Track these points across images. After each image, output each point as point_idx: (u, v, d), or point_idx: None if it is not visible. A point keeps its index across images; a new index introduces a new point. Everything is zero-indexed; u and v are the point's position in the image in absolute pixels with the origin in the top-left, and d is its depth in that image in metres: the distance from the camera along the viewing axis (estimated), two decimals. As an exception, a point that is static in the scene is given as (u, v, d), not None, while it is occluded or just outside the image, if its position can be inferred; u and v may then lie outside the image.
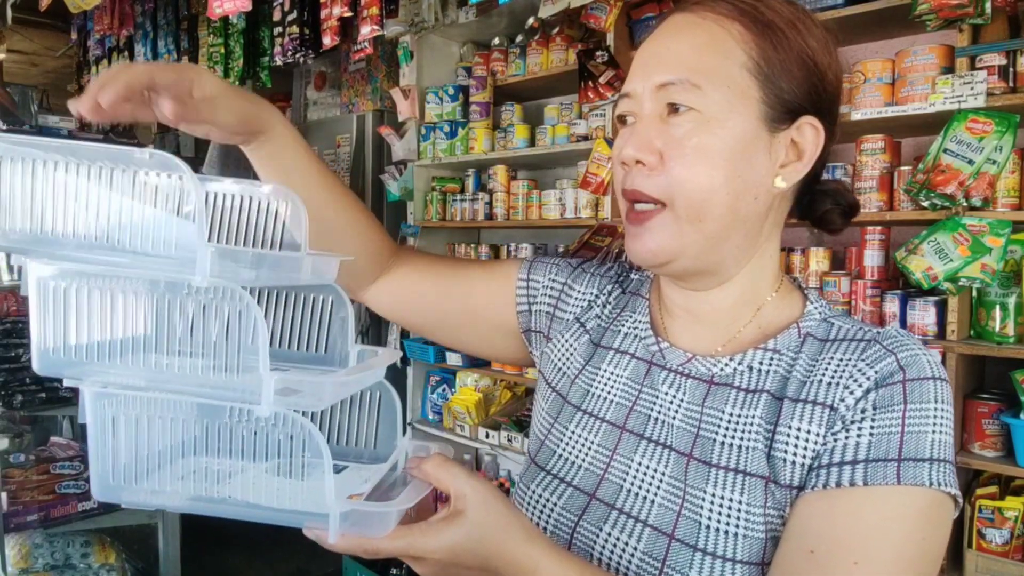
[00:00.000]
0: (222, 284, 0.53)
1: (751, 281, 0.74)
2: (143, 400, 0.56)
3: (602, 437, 0.76)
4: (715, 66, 0.67)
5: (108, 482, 0.57)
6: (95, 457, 0.56)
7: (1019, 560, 1.77)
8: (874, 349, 0.67)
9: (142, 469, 0.57)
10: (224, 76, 3.97)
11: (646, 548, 0.67)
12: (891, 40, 2.22)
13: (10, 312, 2.76)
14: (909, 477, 0.60)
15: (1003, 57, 1.80)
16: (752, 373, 0.71)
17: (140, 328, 0.56)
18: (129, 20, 4.55)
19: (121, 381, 0.56)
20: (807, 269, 2.22)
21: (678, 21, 0.71)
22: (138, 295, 0.56)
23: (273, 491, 0.55)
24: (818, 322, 0.73)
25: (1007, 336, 1.85)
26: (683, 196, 0.67)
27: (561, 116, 2.92)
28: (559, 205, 2.86)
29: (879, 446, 0.61)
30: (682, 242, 0.69)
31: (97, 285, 0.56)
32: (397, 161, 3.42)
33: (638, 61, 0.72)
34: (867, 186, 2.06)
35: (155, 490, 0.57)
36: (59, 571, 2.68)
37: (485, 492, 0.58)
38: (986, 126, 1.78)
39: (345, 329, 0.71)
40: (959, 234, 1.81)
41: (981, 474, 1.95)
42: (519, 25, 3.07)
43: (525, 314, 0.90)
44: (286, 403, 0.53)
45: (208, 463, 0.56)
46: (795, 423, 0.66)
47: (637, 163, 0.69)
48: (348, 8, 2.95)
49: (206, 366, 0.55)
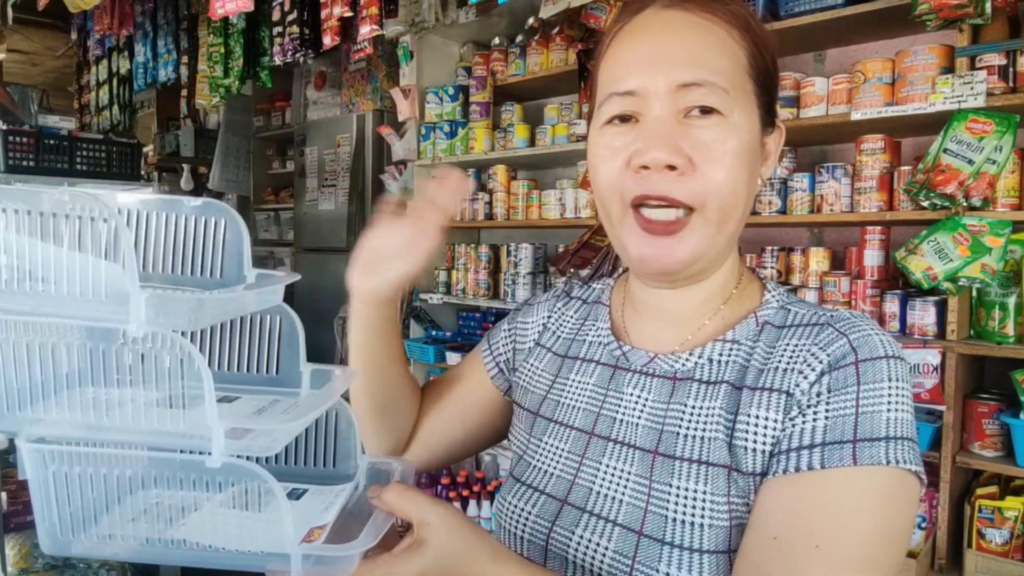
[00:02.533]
0: (160, 331, 0.51)
1: (722, 277, 0.75)
2: (85, 455, 0.53)
3: (571, 444, 0.77)
4: (731, 70, 0.67)
5: (57, 536, 0.54)
6: (40, 512, 0.54)
7: (1019, 560, 1.77)
8: (827, 332, 0.67)
9: (89, 515, 0.54)
10: (224, 76, 3.98)
11: (616, 547, 0.68)
12: (891, 40, 2.23)
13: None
14: (865, 457, 0.60)
15: (1003, 57, 1.80)
16: (712, 365, 0.72)
17: (75, 376, 0.53)
18: (129, 20, 4.55)
19: (59, 433, 0.53)
20: (807, 269, 2.22)
21: (676, 18, 0.69)
22: (70, 345, 0.52)
23: (231, 530, 0.53)
24: (775, 310, 0.74)
25: (1007, 336, 1.85)
26: (716, 200, 0.66)
27: (561, 116, 2.92)
28: (559, 205, 2.86)
29: (834, 429, 0.62)
30: (709, 245, 0.69)
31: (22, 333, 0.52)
32: (397, 161, 3.42)
33: (637, 57, 0.69)
34: (867, 186, 2.06)
35: (105, 535, 0.54)
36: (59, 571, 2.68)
37: (448, 517, 0.58)
38: (986, 126, 1.78)
39: (295, 348, 0.69)
40: (959, 234, 1.81)
41: (981, 474, 1.95)
42: (519, 25, 3.07)
43: (498, 376, 0.92)
44: (238, 448, 0.52)
45: (159, 498, 0.54)
46: (753, 411, 0.66)
47: (668, 168, 0.66)
48: (348, 8, 2.95)
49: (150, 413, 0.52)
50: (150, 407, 0.52)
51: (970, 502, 1.85)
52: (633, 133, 0.68)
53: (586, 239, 2.60)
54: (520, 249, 3.02)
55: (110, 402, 0.52)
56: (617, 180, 0.69)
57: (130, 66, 4.78)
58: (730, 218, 0.68)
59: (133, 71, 4.73)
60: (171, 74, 4.49)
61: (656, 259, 0.69)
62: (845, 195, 2.12)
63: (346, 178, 3.83)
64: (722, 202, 0.67)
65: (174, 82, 4.56)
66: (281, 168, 5.15)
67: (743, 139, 0.67)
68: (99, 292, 0.51)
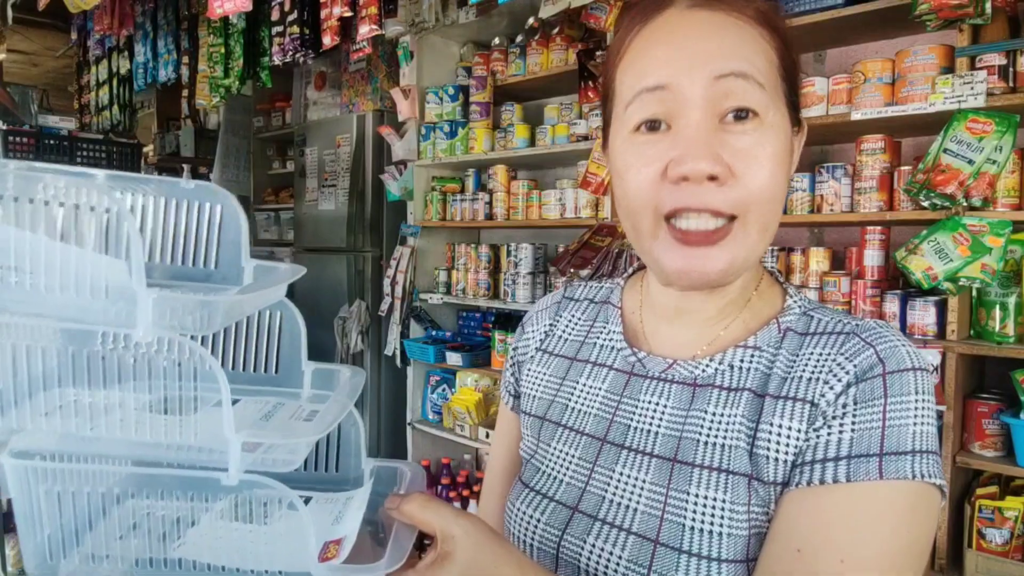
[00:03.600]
0: (167, 336, 0.46)
1: (743, 279, 0.74)
2: (77, 472, 0.48)
3: (582, 450, 0.76)
4: (766, 68, 0.65)
5: (45, 558, 0.49)
6: (25, 533, 0.49)
7: (1019, 560, 1.77)
8: (853, 342, 0.66)
9: (80, 531, 0.49)
10: (224, 76, 3.98)
11: (631, 556, 0.67)
12: (891, 40, 2.23)
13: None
14: (892, 471, 0.59)
15: (1003, 57, 1.80)
16: (733, 372, 0.71)
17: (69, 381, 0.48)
18: (129, 20, 4.55)
19: (48, 446, 0.48)
20: (807, 269, 2.22)
21: (710, 18, 0.66)
22: (62, 348, 0.47)
23: (239, 547, 0.48)
24: (798, 316, 0.73)
25: (1007, 336, 1.85)
26: (757, 207, 0.64)
27: (561, 116, 2.92)
28: (559, 205, 2.86)
29: (861, 442, 0.61)
30: (749, 254, 0.66)
31: (10, 335, 0.47)
32: (397, 161, 3.42)
33: (672, 52, 0.65)
34: (867, 186, 2.06)
35: (89, 555, 0.50)
36: (59, 571, 2.67)
37: (473, 531, 0.56)
38: (986, 126, 1.78)
39: (296, 346, 0.65)
40: (959, 234, 1.81)
41: (981, 474, 1.95)
42: (519, 25, 3.07)
43: (513, 401, 0.90)
44: (254, 463, 0.47)
45: (150, 508, 0.49)
46: (776, 420, 0.65)
47: (709, 178, 0.62)
48: (348, 8, 2.95)
49: (155, 423, 0.47)
50: (155, 416, 0.48)
51: (970, 502, 1.85)
52: (667, 141, 0.64)
53: (586, 239, 2.60)
54: (520, 249, 3.02)
55: (109, 409, 0.48)
56: (650, 191, 0.65)
57: (130, 66, 4.79)
58: (771, 225, 0.66)
59: (133, 71, 4.73)
60: (171, 74, 4.49)
61: (694, 271, 0.65)
62: (845, 195, 2.12)
63: (346, 178, 3.83)
64: (762, 209, 0.64)
65: (174, 82, 4.56)
66: (281, 168, 5.14)
67: (780, 141, 0.65)
68: (98, 290, 0.46)
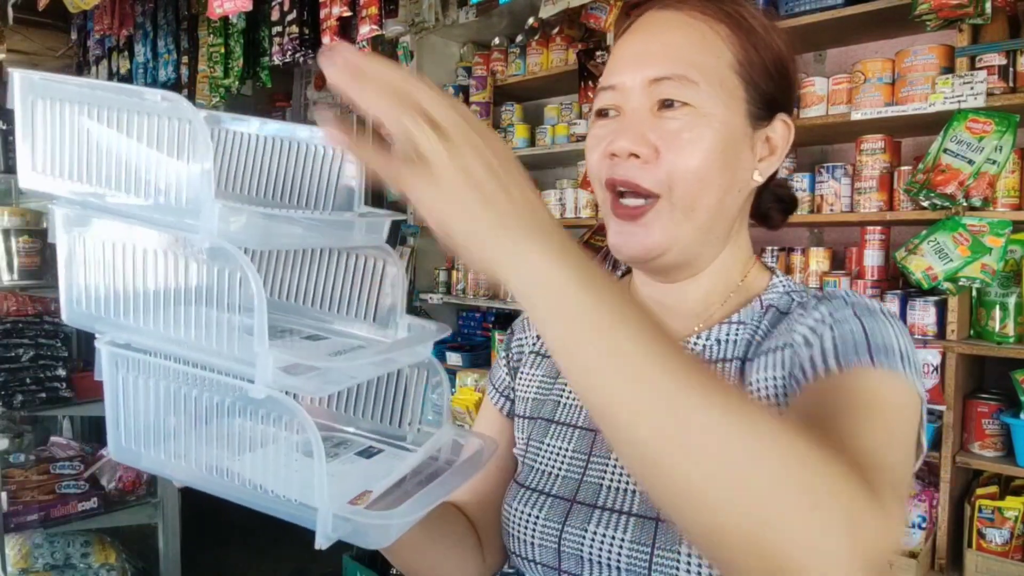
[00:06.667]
0: (220, 244, 0.49)
1: (723, 271, 0.77)
2: (150, 364, 0.54)
3: (576, 443, 0.77)
4: (709, 64, 0.70)
5: (121, 443, 0.56)
6: (110, 417, 0.56)
7: (1019, 560, 1.77)
8: (820, 299, 0.70)
9: (161, 432, 0.55)
10: (224, 76, 3.98)
11: (633, 536, 0.68)
12: (891, 40, 2.22)
13: (10, 312, 2.76)
14: (882, 360, 0.60)
15: (1003, 57, 1.80)
16: (720, 345, 0.74)
17: (155, 284, 0.54)
18: (129, 20, 4.55)
19: (134, 340, 0.55)
20: (807, 269, 2.22)
21: (666, 18, 0.72)
22: (149, 250, 0.53)
23: (276, 472, 0.51)
24: (780, 295, 0.77)
25: (1007, 336, 1.85)
26: (680, 185, 0.69)
27: (561, 116, 2.92)
28: (559, 205, 2.86)
29: (846, 341, 0.62)
30: (676, 233, 0.71)
31: (113, 236, 0.53)
32: (397, 161, 3.41)
33: (624, 55, 0.73)
34: (867, 186, 2.06)
35: (170, 453, 0.55)
36: (59, 571, 2.68)
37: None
38: (986, 126, 1.78)
39: (396, 295, 0.65)
40: (959, 234, 1.81)
41: (981, 474, 1.95)
42: (519, 25, 3.07)
43: (510, 407, 0.89)
44: (285, 384, 0.49)
45: (239, 428, 0.53)
46: (757, 375, 0.69)
47: (631, 156, 0.70)
48: (347, 8, 2.95)
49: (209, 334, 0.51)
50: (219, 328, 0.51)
51: (970, 502, 1.85)
52: (613, 125, 0.72)
53: (586, 239, 2.60)
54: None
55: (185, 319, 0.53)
56: (597, 167, 0.73)
57: (130, 66, 4.78)
58: (698, 207, 0.70)
59: (133, 71, 4.73)
60: (171, 74, 4.49)
61: (625, 245, 0.72)
62: (845, 195, 2.12)
63: (346, 178, 3.83)
64: (687, 188, 0.69)
65: (174, 82, 4.56)
66: (281, 168, 5.14)
67: (715, 129, 0.69)
68: (179, 199, 0.51)
